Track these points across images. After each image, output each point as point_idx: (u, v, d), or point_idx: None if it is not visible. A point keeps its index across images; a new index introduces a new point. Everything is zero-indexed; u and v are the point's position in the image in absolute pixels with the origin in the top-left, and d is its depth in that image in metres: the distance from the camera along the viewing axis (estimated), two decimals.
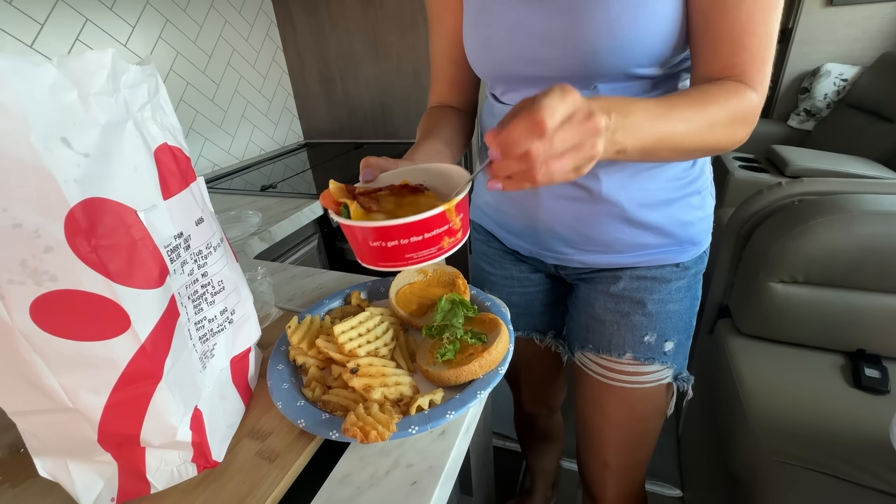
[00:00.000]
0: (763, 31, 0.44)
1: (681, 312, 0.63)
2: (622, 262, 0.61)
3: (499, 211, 0.68)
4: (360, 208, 0.40)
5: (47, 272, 0.28)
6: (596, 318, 0.66)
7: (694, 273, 0.63)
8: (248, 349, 0.47)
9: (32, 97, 0.27)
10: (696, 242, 0.61)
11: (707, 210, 0.62)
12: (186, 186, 0.37)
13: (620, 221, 0.57)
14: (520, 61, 0.52)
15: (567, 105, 0.33)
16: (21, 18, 0.95)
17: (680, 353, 0.65)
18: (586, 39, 0.47)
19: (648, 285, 0.62)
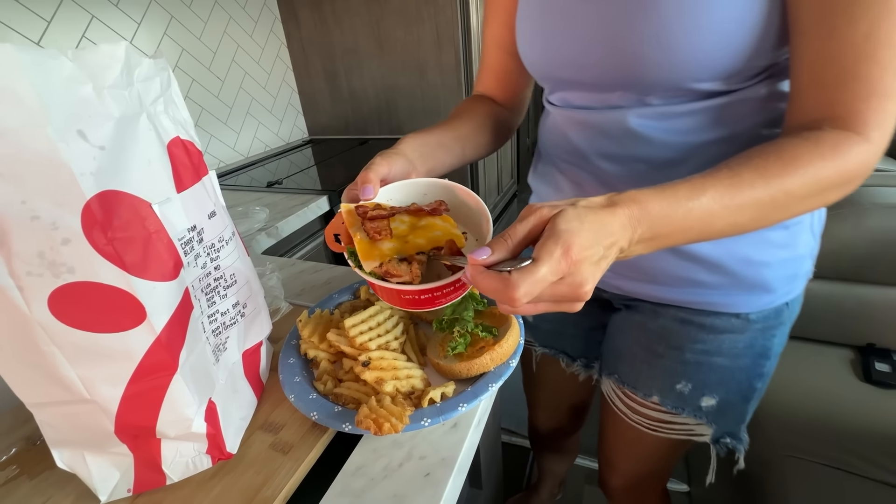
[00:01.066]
0: (887, 55, 0.33)
1: (733, 370, 0.52)
2: (665, 296, 0.52)
3: None
4: (366, 237, 0.38)
5: (65, 264, 0.28)
6: (627, 349, 0.59)
7: (763, 328, 0.50)
8: (259, 343, 0.47)
9: (49, 90, 0.27)
10: (769, 289, 0.48)
11: (796, 250, 0.48)
12: (199, 180, 0.37)
13: (668, 252, 0.48)
14: (563, 63, 0.47)
15: (557, 270, 0.28)
16: (28, 16, 0.95)
17: (728, 414, 0.55)
18: (631, 48, 0.41)
19: (692, 332, 0.51)
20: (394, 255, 0.38)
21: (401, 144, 0.48)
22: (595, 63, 0.44)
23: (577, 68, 0.46)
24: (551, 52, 0.48)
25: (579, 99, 0.50)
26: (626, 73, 0.43)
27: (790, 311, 0.51)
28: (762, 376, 0.53)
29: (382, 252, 0.38)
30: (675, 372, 0.54)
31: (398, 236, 0.39)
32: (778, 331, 0.51)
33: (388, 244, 0.38)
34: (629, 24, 0.40)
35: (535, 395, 0.86)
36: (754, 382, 0.53)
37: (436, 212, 0.41)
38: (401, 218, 0.40)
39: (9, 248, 0.27)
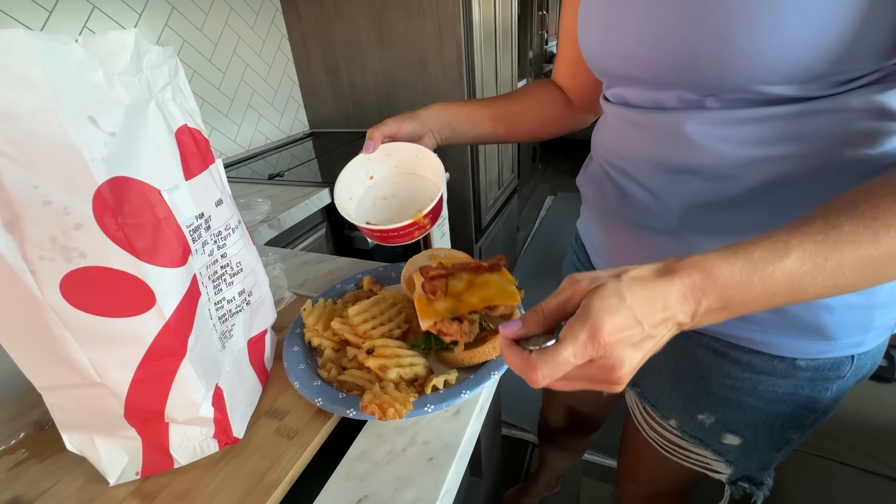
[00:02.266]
0: None
1: (767, 414, 0.46)
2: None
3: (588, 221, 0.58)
4: (424, 296, 0.42)
5: (77, 249, 0.29)
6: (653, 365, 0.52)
7: (813, 379, 0.43)
8: (264, 331, 0.48)
9: (61, 76, 0.27)
10: (827, 337, 0.41)
11: (874, 297, 0.40)
12: (206, 168, 0.38)
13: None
14: (615, 55, 0.44)
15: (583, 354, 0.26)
16: (29, 5, 0.95)
17: (751, 457, 0.49)
18: (687, 41, 0.36)
19: (724, 366, 0.46)
20: (447, 314, 0.41)
21: (424, 109, 0.52)
22: (649, 56, 0.40)
23: (631, 61, 0.42)
24: (606, 42, 0.44)
25: (634, 97, 0.45)
26: (683, 69, 0.38)
27: (856, 366, 0.43)
28: (801, 428, 0.47)
29: (437, 311, 0.41)
30: (699, 402, 0.49)
31: (454, 294, 0.42)
32: (834, 385, 0.44)
33: (443, 304, 0.41)
34: (688, 12, 0.35)
35: (552, 392, 0.84)
36: (790, 433, 0.47)
37: (494, 267, 0.45)
38: (460, 275, 0.44)
39: (21, 233, 0.28)
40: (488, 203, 1.80)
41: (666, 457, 0.56)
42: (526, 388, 0.34)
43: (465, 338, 0.40)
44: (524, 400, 1.41)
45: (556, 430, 0.90)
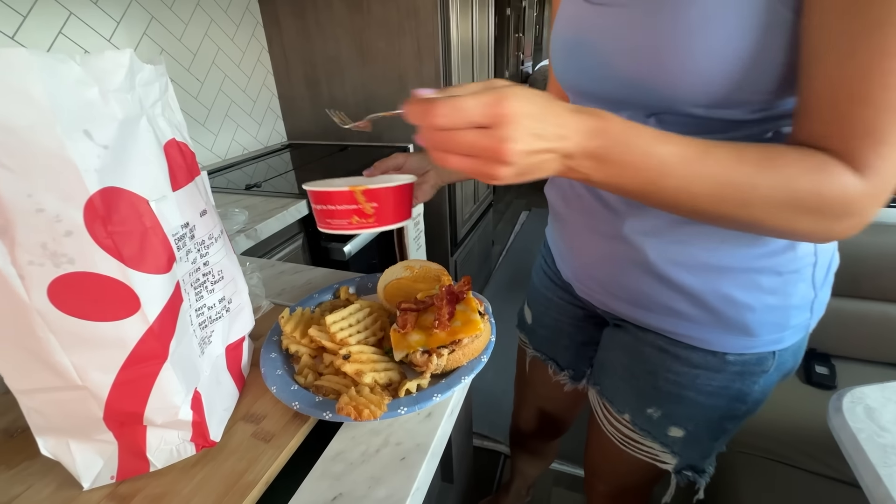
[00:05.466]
0: (884, 100, 0.31)
1: (705, 407, 0.52)
2: (648, 322, 0.52)
3: (551, 226, 0.65)
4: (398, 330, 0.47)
5: (66, 255, 0.30)
6: (609, 364, 0.60)
7: (740, 372, 0.49)
8: (242, 338, 0.49)
9: (59, 91, 0.29)
10: (751, 334, 0.47)
11: (788, 299, 0.46)
12: (192, 180, 0.39)
13: (644, 271, 0.48)
14: (578, 76, 0.48)
15: (483, 112, 0.28)
16: (3, 9, 0.94)
17: (694, 448, 0.55)
18: (631, 64, 0.41)
19: (667, 362, 0.52)
20: (419, 347, 0.46)
21: None
22: (604, 77, 0.44)
23: (589, 80, 0.47)
24: (568, 62, 0.49)
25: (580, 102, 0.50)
26: (630, 89, 0.42)
27: (778, 361, 0.49)
28: (735, 419, 0.53)
29: (409, 344, 0.46)
30: (648, 396, 0.55)
31: (425, 327, 0.47)
32: (760, 379, 0.50)
33: (415, 337, 0.46)
34: (630, 40, 0.40)
35: (523, 394, 0.88)
36: (725, 423, 0.53)
37: (460, 296, 0.49)
38: (431, 309, 0.49)
39: (12, 238, 0.29)
40: (464, 217, 1.84)
41: (623, 450, 0.61)
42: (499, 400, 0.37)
43: (433, 370, 0.45)
44: (497, 412, 1.43)
45: (527, 433, 0.93)
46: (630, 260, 0.49)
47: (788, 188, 0.33)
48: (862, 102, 0.31)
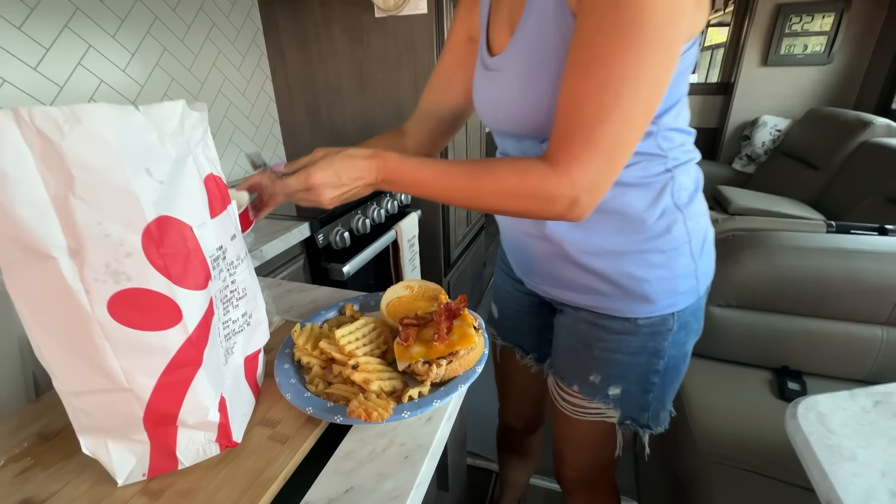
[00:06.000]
0: (587, 112, 0.43)
1: (631, 365, 0.64)
2: (577, 300, 0.65)
3: (502, 233, 0.77)
4: (401, 343, 0.52)
5: (125, 273, 0.35)
6: (558, 346, 0.73)
7: (651, 333, 0.62)
8: (259, 350, 0.54)
9: (127, 137, 0.35)
10: (650, 300, 0.60)
11: (673, 270, 0.59)
12: (225, 209, 0.45)
13: (566, 261, 0.62)
14: (488, 115, 0.63)
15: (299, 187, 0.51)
16: (28, 42, 1.01)
17: (630, 402, 0.67)
18: (516, 112, 0.56)
19: (596, 331, 0.64)
20: (420, 358, 0.51)
21: None
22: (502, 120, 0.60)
23: (496, 122, 0.62)
24: (481, 108, 0.65)
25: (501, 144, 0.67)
26: (521, 128, 0.57)
27: (678, 321, 0.62)
28: (658, 373, 0.65)
29: (411, 356, 0.51)
30: (589, 366, 0.67)
31: (425, 340, 0.52)
32: (668, 336, 0.63)
33: (416, 349, 0.51)
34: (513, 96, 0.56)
35: (503, 386, 0.99)
36: (650, 377, 0.65)
37: (457, 312, 0.55)
38: (431, 324, 0.54)
39: (83, 259, 0.34)
40: (457, 239, 1.91)
41: (576, 419, 0.72)
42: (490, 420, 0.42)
43: (433, 378, 0.50)
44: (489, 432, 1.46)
45: (513, 428, 1.04)
46: (555, 254, 0.63)
47: (501, 185, 0.48)
48: (570, 116, 0.45)
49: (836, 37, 2.57)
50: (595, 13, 0.42)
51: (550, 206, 0.47)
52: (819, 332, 1.03)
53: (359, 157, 0.51)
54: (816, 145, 2.30)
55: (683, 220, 0.58)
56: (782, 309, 1.04)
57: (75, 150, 0.32)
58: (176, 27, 1.34)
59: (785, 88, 2.77)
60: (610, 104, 0.42)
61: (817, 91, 2.72)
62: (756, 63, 2.80)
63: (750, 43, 2.76)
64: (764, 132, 2.72)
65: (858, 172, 2.00)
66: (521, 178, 0.47)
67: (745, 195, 2.17)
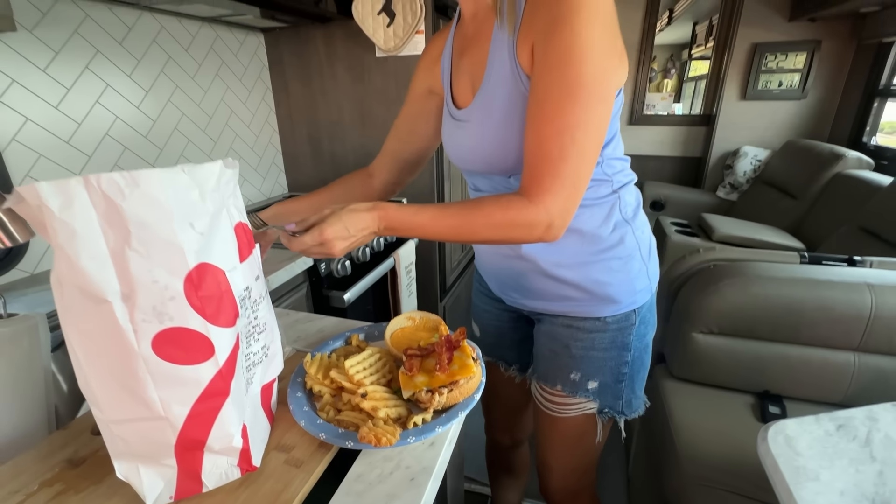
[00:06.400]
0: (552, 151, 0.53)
1: (605, 360, 0.74)
2: (553, 308, 0.75)
3: (478, 258, 0.86)
4: (406, 373, 0.57)
5: (168, 314, 0.40)
6: (539, 353, 0.81)
7: (618, 329, 0.73)
8: (274, 379, 0.58)
9: (174, 195, 0.40)
10: (614, 301, 0.71)
11: (629, 273, 0.71)
12: (251, 253, 0.50)
13: (542, 275, 0.72)
14: (463, 163, 0.73)
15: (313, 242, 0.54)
16: (51, 83, 1.07)
17: (606, 392, 0.76)
18: (484, 155, 0.67)
19: (573, 333, 0.74)
20: (423, 387, 0.55)
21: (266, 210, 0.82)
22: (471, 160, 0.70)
23: (465, 162, 0.72)
24: (451, 150, 0.74)
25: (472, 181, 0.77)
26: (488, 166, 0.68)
27: (639, 316, 0.74)
28: (627, 363, 0.75)
29: (415, 384, 0.56)
30: (569, 365, 0.76)
31: (428, 370, 0.57)
32: (633, 330, 0.74)
33: (420, 378, 0.56)
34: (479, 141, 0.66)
35: (489, 401, 1.05)
36: (622, 368, 0.75)
37: (456, 344, 0.60)
38: (433, 355, 0.59)
39: (133, 303, 0.39)
40: (452, 265, 1.96)
41: (559, 418, 0.80)
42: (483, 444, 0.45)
43: (435, 406, 0.55)
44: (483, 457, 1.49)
45: (500, 443, 1.11)
46: (531, 270, 0.72)
47: (490, 219, 0.56)
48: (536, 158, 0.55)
49: (808, 74, 2.73)
50: (547, 75, 0.54)
51: (531, 232, 0.57)
52: (797, 358, 1.09)
53: (362, 210, 0.56)
54: (794, 176, 2.42)
55: (632, 230, 0.71)
56: (762, 336, 1.10)
57: (133, 209, 0.38)
58: (188, 65, 1.42)
59: (763, 121, 2.91)
60: (567, 145, 0.54)
61: (794, 124, 2.86)
62: (735, 97, 2.94)
63: (729, 78, 2.91)
64: (745, 162, 2.85)
65: (833, 202, 2.10)
66: (505, 211, 0.56)
67: (728, 223, 2.26)
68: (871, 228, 1.74)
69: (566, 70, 0.53)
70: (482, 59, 0.64)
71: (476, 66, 0.66)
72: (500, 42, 0.60)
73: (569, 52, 0.52)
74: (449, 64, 0.73)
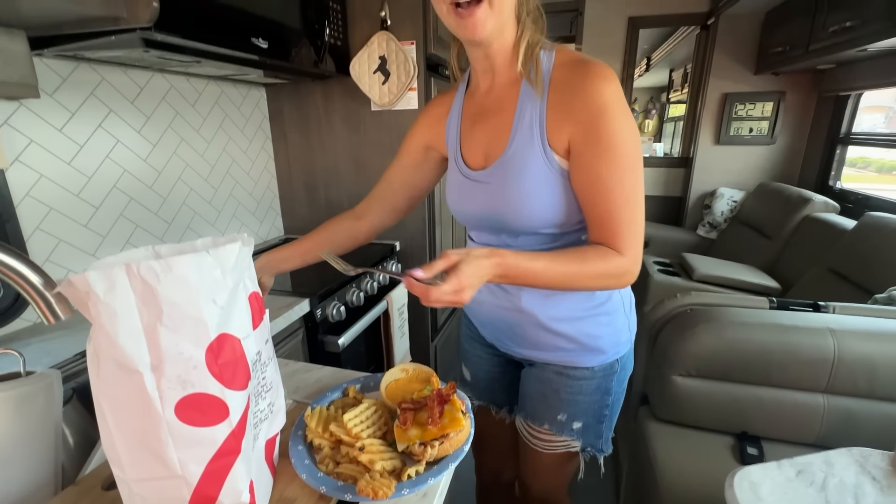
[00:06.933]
0: (624, 216, 0.65)
1: (590, 403, 0.83)
2: (546, 357, 0.83)
3: (472, 308, 0.92)
4: (400, 426, 0.61)
5: (190, 381, 0.45)
6: (528, 394, 0.88)
7: (603, 376, 0.81)
8: (277, 434, 0.62)
9: (201, 276, 0.46)
10: (602, 352, 0.80)
11: (615, 327, 0.80)
12: (262, 320, 0.56)
13: (539, 328, 0.79)
14: (469, 218, 0.81)
15: (452, 290, 0.57)
16: (66, 142, 1.13)
17: (590, 432, 0.85)
18: (501, 215, 0.74)
19: (563, 380, 0.82)
20: (416, 440, 0.59)
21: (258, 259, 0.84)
22: (481, 218, 0.78)
23: (474, 219, 0.80)
24: (460, 208, 0.82)
25: (478, 237, 0.84)
26: (502, 224, 0.75)
27: (620, 364, 0.83)
28: (608, 406, 0.84)
29: (409, 438, 0.60)
30: (557, 407, 0.83)
31: (421, 423, 0.61)
32: (614, 377, 0.82)
33: (413, 431, 0.60)
34: (494, 201, 0.74)
35: (478, 444, 1.09)
36: (603, 410, 0.84)
37: (447, 398, 0.64)
38: (425, 408, 0.63)
39: (161, 372, 0.44)
40: None
41: (544, 453, 0.88)
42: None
43: (427, 458, 0.59)
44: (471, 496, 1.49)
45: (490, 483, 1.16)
46: (528, 322, 0.79)
47: (595, 270, 0.65)
48: (614, 221, 0.66)
49: (776, 122, 2.92)
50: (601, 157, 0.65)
51: (622, 280, 0.67)
52: (770, 400, 1.15)
53: (483, 257, 0.60)
54: (768, 217, 2.55)
55: (615, 291, 0.79)
56: (737, 378, 1.16)
57: (166, 291, 0.44)
58: (193, 119, 1.50)
59: (737, 164, 3.08)
60: (634, 208, 0.66)
61: (765, 167, 3.03)
62: (710, 141, 3.12)
63: (703, 123, 3.10)
64: (722, 202, 2.99)
65: (804, 244, 2.21)
66: (606, 263, 0.65)
67: (708, 262, 2.36)
68: (839, 270, 1.84)
69: (617, 151, 0.64)
70: (502, 130, 0.73)
71: (493, 136, 0.74)
72: (527, 120, 0.70)
73: (616, 137, 0.64)
74: (457, 128, 0.81)
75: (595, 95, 0.64)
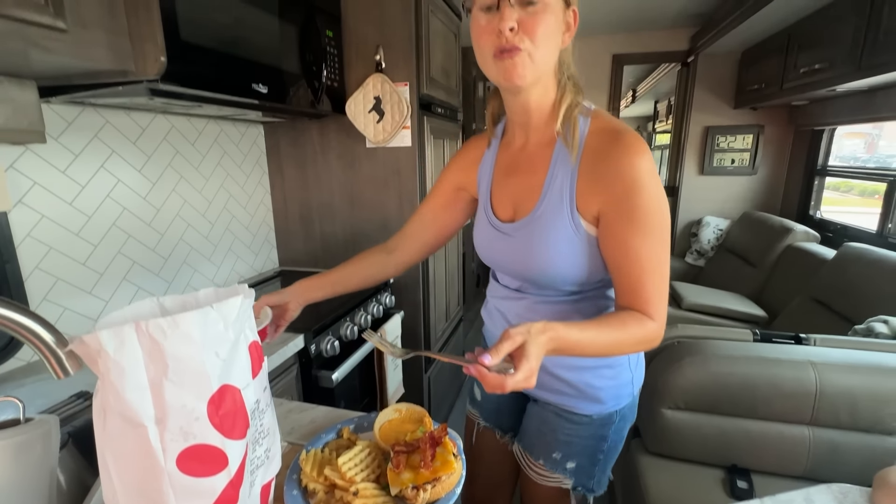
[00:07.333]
0: (652, 283, 0.68)
1: (585, 447, 0.86)
2: (548, 398, 0.87)
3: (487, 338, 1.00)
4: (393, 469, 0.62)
5: (192, 433, 0.47)
6: (528, 428, 0.92)
7: (601, 424, 0.84)
8: (272, 479, 0.63)
9: (204, 330, 0.48)
10: (601, 402, 0.82)
11: (618, 381, 0.83)
12: (261, 367, 0.58)
13: (544, 372, 0.82)
14: (494, 264, 0.87)
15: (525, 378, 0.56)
16: (68, 182, 1.17)
17: (582, 472, 0.87)
18: (526, 271, 0.79)
19: (561, 421, 0.86)
20: (409, 483, 0.61)
21: (290, 287, 0.90)
22: (509, 270, 0.84)
23: (503, 270, 0.86)
24: (490, 258, 0.87)
25: (503, 279, 0.90)
26: (526, 280, 0.82)
27: (619, 416, 0.85)
28: (603, 451, 0.87)
29: (402, 481, 0.61)
30: (553, 445, 0.87)
31: (413, 466, 0.63)
32: (611, 426, 0.85)
33: (406, 475, 0.62)
34: (521, 255, 0.78)
35: (474, 469, 1.08)
36: (598, 455, 0.87)
37: (439, 440, 0.66)
38: (418, 451, 0.65)
39: (164, 425, 0.46)
40: (437, 335, 2.03)
41: (540, 484, 0.91)
42: None
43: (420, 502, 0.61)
44: None
45: None
46: None
47: (634, 337, 0.68)
48: (643, 288, 0.69)
49: (756, 153, 3.04)
50: (633, 229, 0.68)
51: (653, 344, 0.71)
52: (757, 433, 1.17)
53: (541, 335, 0.59)
54: (752, 245, 2.62)
55: None
56: (724, 411, 1.18)
57: (172, 346, 0.46)
58: (192, 157, 1.54)
59: (721, 193, 3.18)
60: (662, 275, 0.69)
61: (748, 197, 3.13)
62: (695, 172, 3.23)
63: (688, 155, 3.21)
64: (708, 231, 3.07)
65: (787, 273, 2.28)
66: (643, 330, 0.68)
67: (696, 291, 2.41)
68: (822, 299, 1.89)
69: (649, 223, 0.68)
70: (533, 189, 0.76)
71: (524, 193, 0.78)
72: (558, 184, 0.73)
73: (648, 211, 0.67)
74: (489, 177, 0.85)
75: (629, 169, 0.67)
